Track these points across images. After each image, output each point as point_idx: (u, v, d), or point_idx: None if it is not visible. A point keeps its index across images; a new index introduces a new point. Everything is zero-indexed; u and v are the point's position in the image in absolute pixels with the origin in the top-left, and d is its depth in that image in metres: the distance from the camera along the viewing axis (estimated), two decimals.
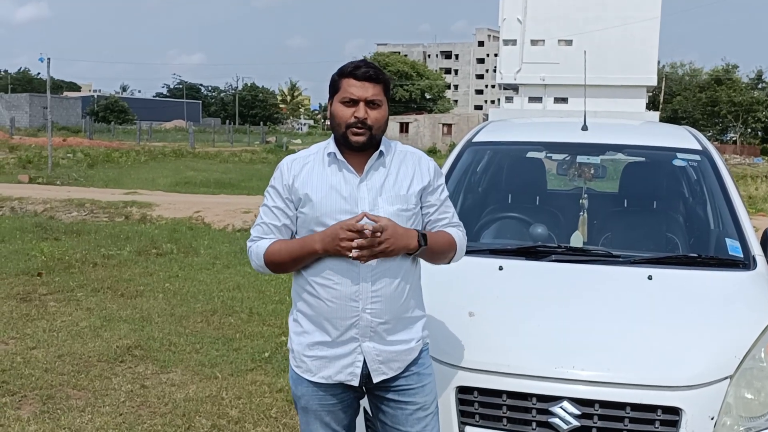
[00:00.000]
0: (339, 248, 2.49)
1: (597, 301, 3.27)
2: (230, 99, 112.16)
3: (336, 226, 2.50)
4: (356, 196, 2.60)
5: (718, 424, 2.79)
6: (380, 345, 2.64)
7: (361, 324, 2.60)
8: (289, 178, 2.66)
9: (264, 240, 2.71)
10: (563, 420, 2.80)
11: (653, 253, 3.77)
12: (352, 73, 2.59)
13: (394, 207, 2.62)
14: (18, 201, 14.83)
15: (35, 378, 5.35)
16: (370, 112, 2.59)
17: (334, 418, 2.75)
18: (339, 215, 2.57)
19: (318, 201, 2.60)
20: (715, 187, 4.10)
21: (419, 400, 2.74)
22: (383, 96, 2.63)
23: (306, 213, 2.63)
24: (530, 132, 4.88)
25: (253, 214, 13.13)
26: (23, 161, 26.11)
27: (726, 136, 75.67)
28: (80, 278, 8.50)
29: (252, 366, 5.72)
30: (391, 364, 2.67)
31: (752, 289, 3.43)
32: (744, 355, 2.91)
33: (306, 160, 2.70)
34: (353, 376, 2.65)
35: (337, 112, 2.62)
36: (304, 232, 2.65)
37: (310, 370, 2.69)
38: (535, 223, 4.21)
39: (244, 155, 35.85)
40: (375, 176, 2.64)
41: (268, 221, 2.70)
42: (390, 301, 2.61)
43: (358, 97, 2.58)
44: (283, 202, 2.68)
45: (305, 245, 2.59)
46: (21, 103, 73.11)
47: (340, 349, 2.63)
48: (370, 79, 2.59)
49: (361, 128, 2.58)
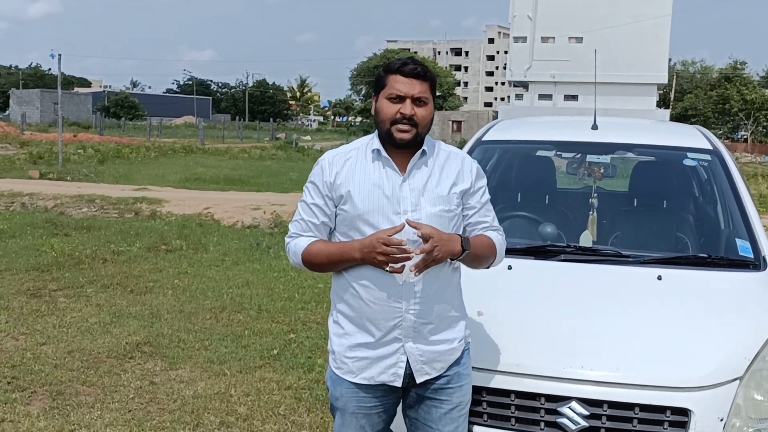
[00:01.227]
0: (377, 261, 2.47)
1: (606, 301, 3.26)
2: (240, 95, 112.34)
3: (374, 237, 2.47)
4: (399, 196, 2.57)
5: (727, 425, 2.78)
6: (423, 345, 2.63)
7: (404, 324, 2.59)
8: (331, 175, 2.62)
9: (303, 238, 2.68)
10: (572, 420, 2.80)
11: (663, 253, 3.75)
12: (399, 69, 2.57)
13: (437, 208, 2.59)
14: (29, 197, 14.90)
15: (45, 374, 5.38)
16: (416, 110, 2.57)
17: (369, 422, 2.72)
18: (380, 215, 2.55)
19: (360, 200, 2.57)
20: (725, 187, 4.07)
21: (456, 400, 2.73)
22: (429, 94, 2.60)
23: (347, 211, 2.60)
24: (540, 131, 4.86)
25: (263, 211, 13.16)
26: (34, 157, 26.20)
27: (737, 134, 75.25)
28: (90, 274, 8.54)
29: (261, 363, 5.73)
30: (434, 364, 2.66)
31: (762, 290, 3.41)
32: (754, 357, 2.89)
33: (348, 156, 2.66)
34: (396, 376, 2.63)
35: (382, 108, 2.59)
36: (344, 229, 2.63)
37: (352, 371, 2.67)
38: (544, 222, 4.20)
39: (254, 151, 35.89)
40: (417, 176, 2.62)
41: (307, 218, 2.68)
42: (433, 301, 2.60)
43: (404, 94, 2.55)
44: (323, 199, 2.64)
45: (345, 252, 2.57)
46: (32, 99, 73.38)
47: (383, 349, 2.62)
48: (417, 76, 2.56)
49: (407, 125, 2.56)
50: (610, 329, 3.05)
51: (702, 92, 72.97)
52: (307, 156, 35.94)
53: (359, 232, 2.58)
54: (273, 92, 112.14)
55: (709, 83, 75.33)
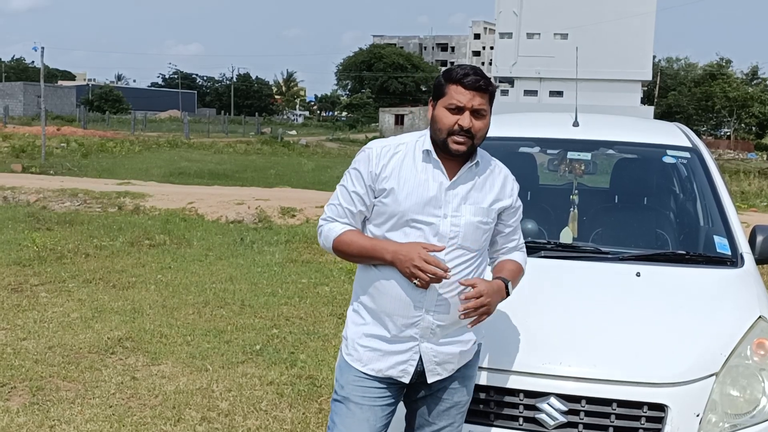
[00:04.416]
0: (409, 271, 2.48)
1: (585, 298, 3.28)
2: (225, 89, 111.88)
3: (415, 250, 2.48)
4: (442, 199, 2.58)
5: (703, 420, 2.82)
6: (438, 347, 2.64)
7: (422, 325, 2.60)
8: (377, 166, 2.61)
9: (338, 223, 2.67)
10: (550, 416, 2.82)
11: (642, 249, 3.78)
12: (460, 80, 2.55)
13: (476, 218, 2.62)
14: (10, 190, 14.77)
15: (25, 369, 5.35)
16: (474, 122, 2.56)
17: (372, 414, 2.70)
18: (421, 216, 2.56)
19: (404, 196, 2.57)
20: (704, 184, 4.11)
21: (457, 399, 2.76)
22: (488, 106, 2.60)
23: (387, 204, 2.59)
24: (522, 127, 4.87)
25: (247, 206, 13.12)
26: (16, 150, 26.00)
27: (720, 131, 75.85)
28: (72, 269, 8.49)
29: (243, 358, 5.72)
30: (446, 366, 2.68)
31: (739, 286, 3.44)
32: (730, 353, 2.93)
33: (396, 149, 2.65)
34: (405, 373, 2.65)
35: (440, 117, 2.58)
36: (379, 221, 2.63)
37: (361, 359, 2.67)
38: (525, 218, 4.21)
39: (239, 146, 35.78)
40: (464, 183, 2.63)
41: (345, 205, 2.66)
42: (453, 308, 2.60)
43: (464, 105, 2.54)
44: (365, 188, 2.62)
45: (377, 250, 2.57)
46: (15, 92, 72.81)
47: (397, 345, 2.63)
48: (479, 89, 2.55)
49: (464, 137, 2.55)
50: (588, 325, 3.08)
51: (686, 89, 73.46)
52: (292, 151, 35.89)
53: (394, 228, 2.59)
54: (258, 87, 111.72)
55: (693, 80, 75.82)
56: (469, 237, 2.60)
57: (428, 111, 2.69)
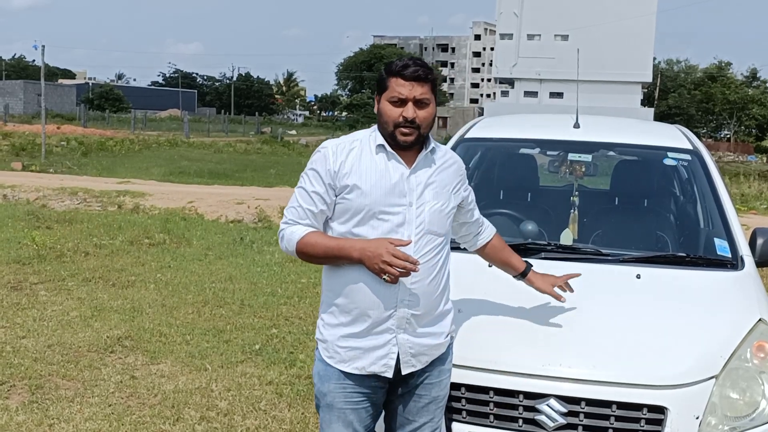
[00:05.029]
0: (378, 268, 2.48)
1: (585, 299, 3.28)
2: (225, 89, 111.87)
3: (383, 246, 2.48)
4: (405, 187, 2.61)
5: (703, 423, 2.81)
6: (414, 337, 2.66)
7: (397, 315, 2.62)
8: (335, 163, 2.61)
9: (299, 226, 2.66)
10: (550, 417, 2.82)
11: (642, 251, 3.78)
12: (400, 72, 2.57)
13: (438, 203, 2.66)
14: (10, 189, 14.78)
15: (24, 367, 5.35)
16: (418, 112, 2.58)
17: (357, 418, 2.72)
18: (387, 207, 2.58)
19: (368, 189, 2.57)
20: (704, 186, 4.11)
21: (434, 394, 2.78)
22: (431, 94, 2.62)
23: (351, 200, 2.59)
24: (522, 129, 4.88)
25: (246, 205, 13.13)
26: (16, 148, 26.01)
27: (720, 133, 75.87)
28: (72, 267, 8.49)
29: (242, 358, 5.72)
30: (420, 358, 2.70)
31: (739, 289, 3.44)
32: (730, 355, 2.92)
33: (351, 146, 2.66)
34: (387, 367, 2.65)
35: (385, 110, 2.60)
36: (344, 218, 2.62)
37: (344, 360, 2.67)
38: (525, 219, 4.22)
39: (239, 145, 35.79)
40: (423, 170, 2.66)
41: (306, 206, 2.65)
42: (426, 295, 2.63)
43: (406, 97, 2.56)
44: (324, 187, 2.62)
45: (343, 249, 2.56)
46: (15, 90, 72.78)
47: (375, 339, 2.64)
48: (418, 78, 2.57)
49: (410, 128, 2.58)
50: (588, 327, 3.08)
51: (686, 91, 73.48)
52: (292, 150, 35.92)
53: (362, 222, 2.59)
54: (259, 86, 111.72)
55: (693, 82, 75.85)
56: (435, 222, 2.64)
57: (375, 106, 2.72)
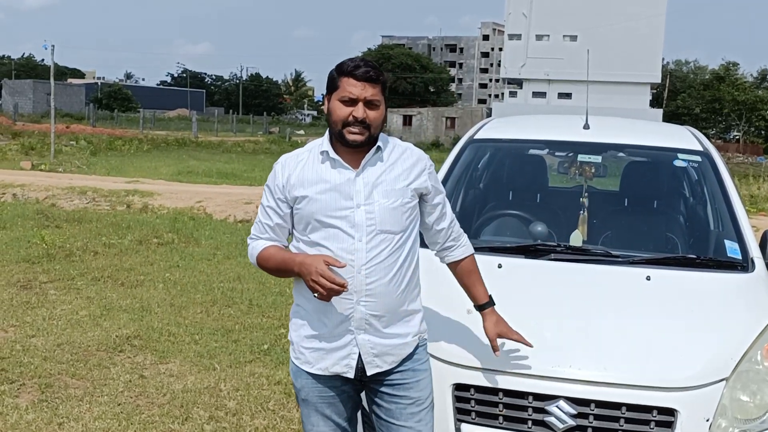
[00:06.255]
0: (309, 284, 2.53)
1: (595, 301, 3.27)
2: (234, 88, 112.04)
3: (315, 264, 2.50)
4: (351, 190, 2.62)
5: (713, 425, 2.80)
6: (375, 338, 2.67)
7: (355, 316, 2.63)
8: (283, 178, 2.69)
9: (261, 240, 2.77)
10: (559, 419, 2.81)
11: (652, 253, 3.77)
12: (351, 72, 2.59)
13: (389, 200, 2.64)
14: (20, 188, 14.84)
15: (34, 366, 5.37)
16: (368, 112, 2.60)
17: (334, 411, 2.78)
18: (335, 212, 2.60)
19: (313, 198, 2.62)
20: (715, 188, 4.09)
21: (413, 395, 2.76)
22: (381, 96, 2.64)
23: (302, 209, 2.65)
24: (531, 130, 4.87)
25: (255, 206, 13.13)
26: (26, 148, 26.12)
27: (729, 134, 75.55)
28: (81, 267, 8.52)
29: (251, 358, 5.73)
30: (385, 358, 2.70)
31: (750, 291, 3.43)
32: (740, 358, 2.91)
33: (300, 157, 2.72)
34: (349, 368, 2.68)
35: (335, 109, 2.62)
36: (300, 227, 2.69)
37: (309, 361, 2.73)
38: (535, 221, 4.21)
39: (247, 145, 35.87)
40: (371, 170, 2.66)
41: (264, 221, 2.76)
42: (384, 295, 2.63)
43: (357, 97, 2.58)
44: (275, 201, 2.71)
45: (287, 263, 2.64)
46: (25, 89, 73.17)
47: (336, 341, 2.67)
48: (369, 79, 2.59)
49: (359, 127, 2.59)
50: (598, 329, 3.07)
51: (695, 92, 73.21)
52: None
53: (315, 230, 2.64)
54: (267, 86, 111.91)
55: (702, 83, 75.58)
56: (387, 221, 2.63)
57: (324, 105, 2.73)
